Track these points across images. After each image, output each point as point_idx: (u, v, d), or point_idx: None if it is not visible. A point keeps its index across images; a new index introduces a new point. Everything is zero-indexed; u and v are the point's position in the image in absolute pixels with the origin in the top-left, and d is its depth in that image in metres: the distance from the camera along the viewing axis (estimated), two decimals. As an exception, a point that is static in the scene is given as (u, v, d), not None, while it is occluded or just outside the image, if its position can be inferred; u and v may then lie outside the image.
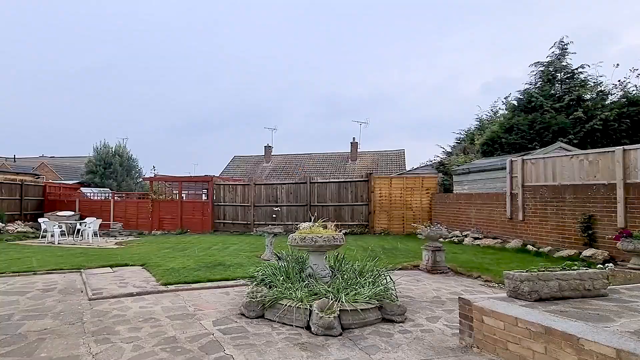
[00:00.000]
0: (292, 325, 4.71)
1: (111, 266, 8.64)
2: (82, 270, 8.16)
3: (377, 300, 5.02)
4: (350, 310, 4.68)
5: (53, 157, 40.71)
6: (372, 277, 5.72)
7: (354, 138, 29.83)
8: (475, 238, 11.87)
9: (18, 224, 17.63)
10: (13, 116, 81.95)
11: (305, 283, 5.41)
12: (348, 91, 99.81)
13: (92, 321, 4.97)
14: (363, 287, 5.25)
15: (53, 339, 4.36)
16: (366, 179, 16.29)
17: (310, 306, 4.70)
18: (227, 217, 17.52)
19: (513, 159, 11.03)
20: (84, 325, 4.80)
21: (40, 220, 15.20)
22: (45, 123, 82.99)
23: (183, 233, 16.82)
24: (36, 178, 23.94)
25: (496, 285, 6.80)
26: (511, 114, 19.17)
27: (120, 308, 5.54)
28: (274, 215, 16.71)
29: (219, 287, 6.80)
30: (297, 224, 16.14)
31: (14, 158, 39.46)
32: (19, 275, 7.76)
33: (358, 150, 30.00)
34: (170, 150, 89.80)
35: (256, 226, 16.83)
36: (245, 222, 17.16)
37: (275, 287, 5.43)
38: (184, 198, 18.92)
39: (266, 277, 5.84)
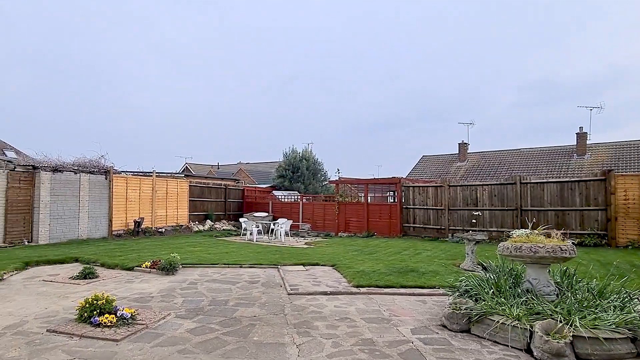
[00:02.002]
0: (506, 346, 4.48)
1: (303, 264, 9.97)
2: (278, 266, 9.70)
3: (630, 330, 4.26)
4: (589, 337, 4.14)
5: (248, 163, 49.61)
6: (619, 300, 5.06)
7: (581, 128, 25.64)
8: None
9: (223, 223, 22.30)
10: (214, 129, 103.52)
11: (522, 299, 5.07)
12: (571, 71, 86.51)
13: (292, 314, 5.85)
14: (606, 312, 4.69)
15: (261, 326, 5.33)
16: (602, 177, 13.80)
17: (531, 327, 4.39)
18: (417, 220, 17.72)
19: None
20: (286, 317, 5.70)
21: (240, 220, 18.78)
22: (243, 133, 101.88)
23: (369, 236, 17.90)
24: (237, 182, 29.69)
25: None
26: None
27: (316, 305, 6.34)
28: (473, 221, 15.97)
29: (413, 294, 7.00)
30: (502, 231, 15.21)
31: (218, 165, 49.91)
32: (228, 267, 9.79)
33: (587, 142, 25.66)
34: (353, 153, 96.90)
35: (451, 232, 16.45)
36: (438, 227, 16.98)
37: (483, 300, 5.25)
38: (370, 200, 20.11)
39: (470, 289, 5.73)
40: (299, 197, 24.01)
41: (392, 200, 21.02)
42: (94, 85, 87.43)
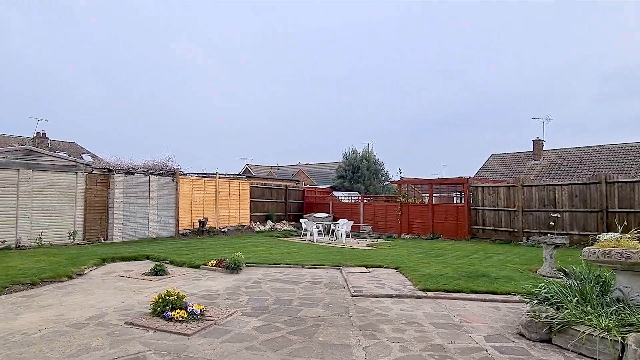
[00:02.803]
0: (593, 359, 4.18)
1: (366, 266, 9.95)
2: (341, 267, 9.77)
3: None
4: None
5: (307, 164, 50.38)
6: None
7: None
8: None
9: (284, 223, 22.82)
10: (273, 130, 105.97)
11: (612, 309, 4.72)
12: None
13: (357, 316, 5.86)
14: None
15: (326, 326, 5.39)
16: None
17: (624, 339, 4.08)
18: (487, 222, 17.01)
19: None
20: (350, 319, 5.72)
21: (301, 220, 19.10)
22: (302, 134, 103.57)
23: (435, 238, 17.46)
24: (297, 183, 30.26)
25: None
26: None
27: (381, 308, 6.30)
28: (550, 223, 15.05)
29: (485, 300, 6.74)
30: (585, 234, 14.22)
31: (277, 166, 51.12)
32: (291, 267, 9.99)
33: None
34: (415, 152, 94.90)
35: (525, 234, 15.62)
36: (511, 230, 16.19)
37: (566, 309, 4.94)
38: (434, 201, 19.63)
39: (551, 296, 5.43)
40: (359, 197, 23.98)
41: (459, 201, 20.32)
42: (160, 92, 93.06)
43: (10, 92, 73.38)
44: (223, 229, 19.20)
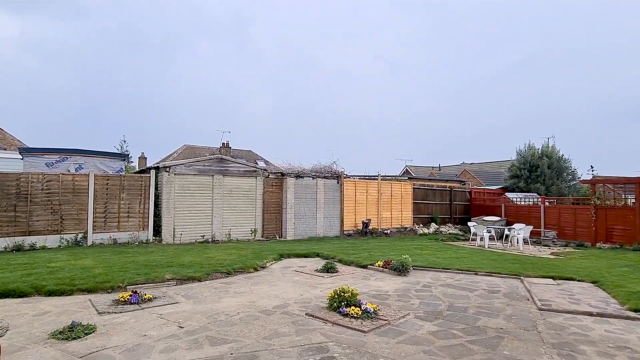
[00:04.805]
0: None
1: (552, 277, 8.87)
2: (521, 277, 8.90)
3: None
4: None
5: (473, 163, 47.53)
6: None
7: None
8: None
9: (449, 226, 21.93)
10: (433, 130, 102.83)
11: None
12: None
13: (548, 332, 5.24)
14: None
15: (511, 339, 4.94)
16: None
17: None
18: None
19: None
20: (540, 335, 5.14)
21: (469, 224, 18.08)
22: (465, 131, 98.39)
23: (641, 249, 14.66)
24: (462, 184, 28.82)
25: None
26: None
27: (578, 326, 5.52)
28: None
29: None
30: None
31: (439, 167, 49.50)
32: (462, 274, 9.51)
33: None
34: (611, 146, 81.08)
35: None
36: None
37: None
38: None
39: None
40: (538, 199, 21.61)
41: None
42: (326, 96, 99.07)
43: (200, 109, 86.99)
44: (385, 231, 19.38)
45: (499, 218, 19.76)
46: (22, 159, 14.34)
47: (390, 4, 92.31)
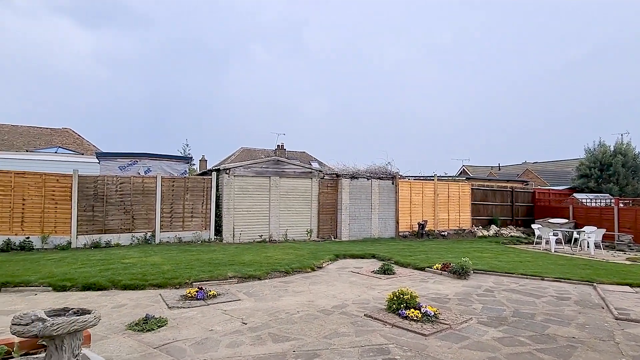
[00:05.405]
0: None
1: (630, 285, 8.26)
2: (594, 284, 8.35)
3: None
4: None
5: (536, 162, 45.14)
6: None
7: None
8: None
9: (510, 229, 20.99)
10: (492, 129, 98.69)
11: None
12: None
13: (627, 344, 4.89)
14: None
15: (585, 350, 4.66)
16: None
17: None
18: None
19: None
20: (618, 346, 4.81)
21: (533, 226, 17.22)
22: (526, 129, 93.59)
23: None
24: (525, 185, 27.48)
25: None
26: None
27: (661, 337, 5.10)
28: None
29: None
30: None
31: (499, 166, 47.47)
32: (527, 279, 9.08)
33: None
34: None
35: None
36: None
37: None
38: None
39: None
40: (611, 200, 20.20)
41: None
42: (380, 96, 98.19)
43: (256, 112, 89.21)
44: (442, 233, 18.88)
45: (566, 220, 18.70)
46: (98, 162, 15.41)
47: None
